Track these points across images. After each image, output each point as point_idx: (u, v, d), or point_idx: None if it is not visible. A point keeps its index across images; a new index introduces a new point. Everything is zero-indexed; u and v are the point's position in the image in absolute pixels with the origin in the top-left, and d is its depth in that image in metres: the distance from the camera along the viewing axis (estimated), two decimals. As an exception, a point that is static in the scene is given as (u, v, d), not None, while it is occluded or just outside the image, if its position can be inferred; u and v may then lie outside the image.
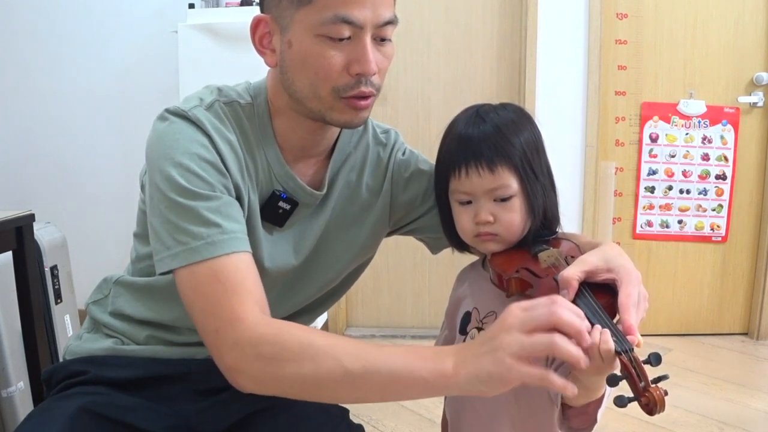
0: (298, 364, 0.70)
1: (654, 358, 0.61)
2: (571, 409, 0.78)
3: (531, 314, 0.64)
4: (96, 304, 1.01)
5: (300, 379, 0.70)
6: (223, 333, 0.74)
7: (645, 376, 0.60)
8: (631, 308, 0.68)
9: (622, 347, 0.62)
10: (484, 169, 0.84)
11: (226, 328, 0.74)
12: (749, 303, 2.74)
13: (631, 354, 0.62)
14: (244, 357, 0.72)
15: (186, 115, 0.83)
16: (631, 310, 0.68)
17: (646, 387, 0.60)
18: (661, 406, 0.59)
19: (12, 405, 1.71)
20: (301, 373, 0.70)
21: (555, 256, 0.82)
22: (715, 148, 2.64)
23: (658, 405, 0.59)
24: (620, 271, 0.73)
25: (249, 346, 0.72)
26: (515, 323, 0.64)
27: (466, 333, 0.93)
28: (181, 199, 0.78)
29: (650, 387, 0.60)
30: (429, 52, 2.68)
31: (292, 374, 0.70)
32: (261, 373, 0.72)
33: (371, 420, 1.99)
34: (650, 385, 0.60)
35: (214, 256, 0.77)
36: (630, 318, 0.67)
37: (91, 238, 2.80)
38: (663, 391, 0.60)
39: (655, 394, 0.59)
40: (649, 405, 0.60)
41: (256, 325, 0.73)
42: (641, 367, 0.61)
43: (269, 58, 0.86)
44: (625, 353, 0.62)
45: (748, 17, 2.57)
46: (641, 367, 0.61)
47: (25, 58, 2.79)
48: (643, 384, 0.60)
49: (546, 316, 0.63)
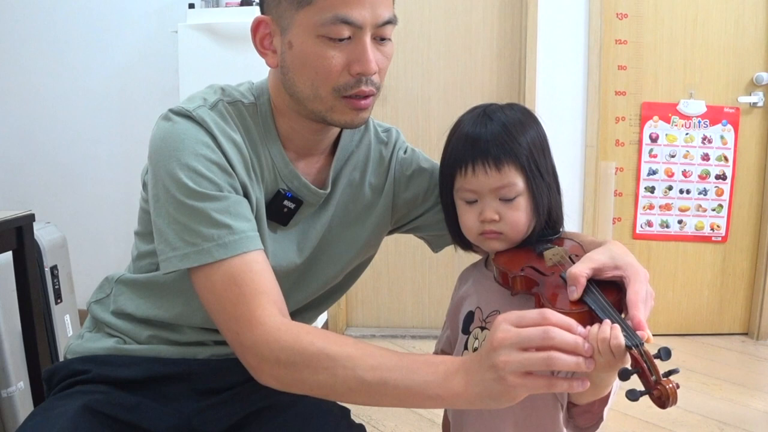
0: (315, 371, 0.72)
1: (664, 352, 0.61)
2: (576, 407, 0.78)
3: (525, 335, 0.63)
4: (98, 304, 1.01)
5: (317, 384, 0.72)
6: (243, 336, 0.76)
7: (656, 370, 0.61)
8: (640, 304, 0.68)
9: (633, 342, 0.63)
10: (491, 167, 0.85)
11: (246, 331, 0.76)
12: (749, 303, 2.74)
13: (642, 348, 0.62)
14: (263, 359, 0.75)
15: (190, 115, 0.83)
16: (641, 306, 0.68)
17: (657, 380, 0.60)
18: (674, 398, 0.59)
19: (12, 405, 1.71)
20: (317, 379, 0.72)
21: (560, 254, 0.82)
22: (715, 148, 2.64)
23: (670, 398, 0.59)
24: (628, 268, 0.73)
25: (268, 350, 0.74)
26: (510, 340, 0.63)
27: (468, 332, 0.93)
28: (189, 201, 0.79)
29: (662, 380, 0.60)
30: (429, 52, 2.68)
31: (310, 380, 0.72)
32: (281, 375, 0.74)
33: (371, 420, 1.99)
34: (662, 379, 0.60)
35: (226, 257, 0.78)
36: (639, 314, 0.67)
37: (91, 238, 2.79)
38: (675, 384, 0.60)
39: (668, 387, 0.59)
40: (661, 398, 0.60)
41: (274, 330, 0.75)
42: (652, 361, 0.61)
43: (270, 59, 0.86)
44: (635, 347, 0.62)
45: (748, 17, 2.57)
46: (652, 361, 0.61)
47: (25, 58, 2.79)
48: (654, 378, 0.60)
49: (540, 339, 0.62)
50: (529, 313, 0.65)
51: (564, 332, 0.63)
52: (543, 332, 0.62)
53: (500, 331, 0.64)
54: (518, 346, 0.63)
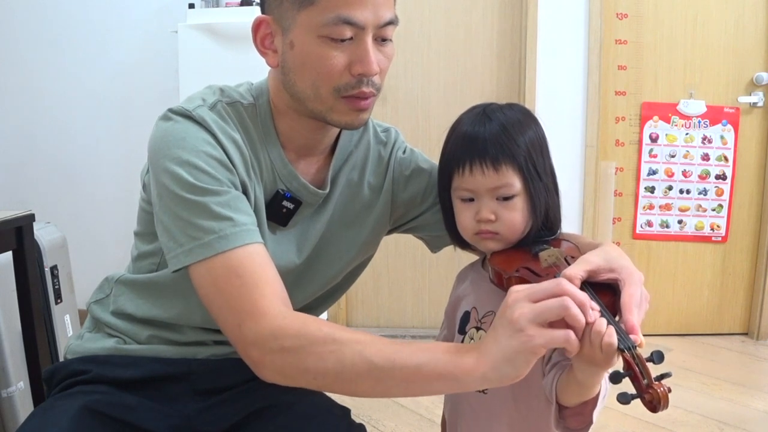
0: (322, 357, 0.70)
1: (657, 356, 0.61)
2: (567, 409, 0.78)
3: (538, 288, 0.65)
4: (98, 304, 1.01)
5: (323, 371, 0.71)
6: (246, 327, 0.74)
7: (648, 374, 0.60)
8: (634, 308, 0.68)
9: (625, 344, 0.62)
10: (489, 167, 0.85)
11: (249, 322, 0.74)
12: (749, 303, 2.74)
13: (634, 351, 0.62)
14: (267, 350, 0.73)
15: (190, 115, 0.83)
16: (634, 309, 0.68)
17: (649, 384, 0.60)
18: (665, 403, 0.59)
19: (12, 405, 1.71)
20: (325, 366, 0.70)
21: (556, 256, 0.82)
22: (715, 148, 2.65)
23: (661, 402, 0.59)
24: (623, 271, 0.73)
25: (272, 339, 0.73)
26: (522, 296, 0.65)
27: (464, 332, 0.93)
28: (190, 196, 0.79)
29: (653, 384, 0.60)
30: (429, 52, 2.68)
31: (316, 367, 0.71)
32: (285, 365, 0.73)
33: (371, 420, 1.99)
34: (653, 383, 0.60)
35: (228, 249, 0.77)
36: (633, 317, 0.67)
37: (91, 238, 2.80)
38: (666, 388, 0.60)
39: (659, 390, 0.59)
40: (652, 402, 0.59)
41: (278, 318, 0.74)
42: (644, 364, 0.61)
43: (271, 59, 0.86)
44: (627, 350, 0.62)
45: (748, 17, 2.57)
46: (644, 364, 0.61)
47: (26, 58, 2.79)
48: (646, 381, 0.60)
49: (553, 286, 0.64)
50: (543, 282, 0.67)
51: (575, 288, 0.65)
52: (555, 284, 0.64)
53: (513, 293, 0.66)
54: (532, 297, 0.64)
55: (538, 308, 0.63)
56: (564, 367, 0.77)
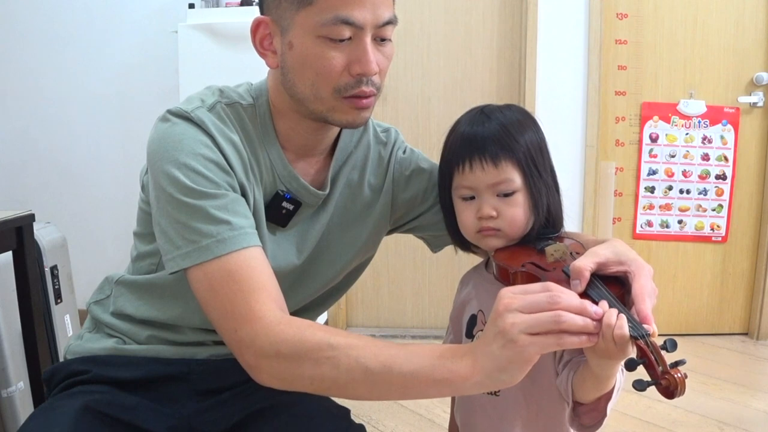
0: (317, 362, 0.70)
1: (670, 344, 0.61)
2: (582, 406, 0.78)
3: (530, 299, 0.63)
4: (97, 304, 1.01)
5: (319, 377, 0.71)
6: (242, 332, 0.74)
7: (663, 361, 0.60)
8: (647, 298, 0.68)
9: (639, 333, 0.62)
10: (488, 163, 0.85)
11: (245, 327, 0.74)
12: (749, 303, 2.74)
13: (648, 339, 0.62)
14: (263, 356, 0.73)
15: (188, 116, 0.83)
16: (647, 300, 0.68)
17: (665, 371, 0.60)
18: (682, 388, 0.59)
19: (12, 405, 1.71)
20: (320, 371, 0.70)
21: (562, 250, 0.81)
22: (715, 148, 2.65)
23: (678, 387, 0.59)
24: (633, 263, 0.73)
25: (268, 345, 0.73)
26: (514, 305, 0.63)
27: (472, 336, 0.93)
28: (188, 200, 0.79)
29: (669, 370, 0.60)
30: (429, 52, 2.68)
31: (312, 372, 0.71)
32: (281, 371, 0.73)
33: (371, 420, 1.99)
34: (669, 369, 0.60)
35: (225, 253, 0.77)
36: (646, 308, 0.67)
37: (91, 238, 2.80)
38: (683, 374, 0.60)
39: (676, 377, 0.59)
40: (669, 388, 0.59)
41: (274, 323, 0.74)
42: (659, 351, 0.61)
43: (270, 60, 0.86)
44: (641, 338, 0.62)
45: (748, 17, 2.57)
46: (659, 351, 0.61)
47: (25, 58, 2.79)
48: (661, 368, 0.60)
49: (546, 302, 0.62)
50: (531, 285, 0.65)
51: (570, 295, 0.63)
52: (549, 296, 0.63)
53: (505, 298, 0.64)
54: (524, 310, 0.63)
55: (530, 320, 0.62)
56: (577, 364, 0.77)
